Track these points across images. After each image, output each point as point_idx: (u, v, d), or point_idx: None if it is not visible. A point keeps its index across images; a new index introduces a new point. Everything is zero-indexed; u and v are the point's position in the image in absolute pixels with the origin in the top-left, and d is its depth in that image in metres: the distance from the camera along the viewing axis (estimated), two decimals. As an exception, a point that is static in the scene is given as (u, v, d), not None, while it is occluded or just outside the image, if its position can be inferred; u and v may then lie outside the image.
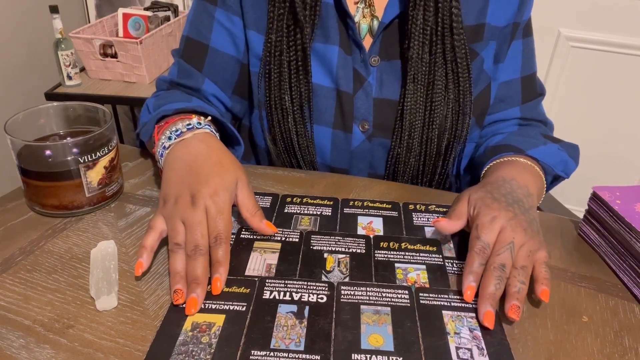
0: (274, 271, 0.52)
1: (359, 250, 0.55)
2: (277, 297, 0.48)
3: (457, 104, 0.70)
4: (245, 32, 0.72)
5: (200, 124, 0.61)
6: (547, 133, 0.75)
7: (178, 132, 0.60)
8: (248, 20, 0.72)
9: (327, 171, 0.76)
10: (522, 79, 0.76)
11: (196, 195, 0.53)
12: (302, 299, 0.48)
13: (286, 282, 0.50)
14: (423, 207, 0.64)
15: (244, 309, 0.47)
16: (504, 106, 0.76)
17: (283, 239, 0.57)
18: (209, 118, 0.64)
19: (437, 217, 0.62)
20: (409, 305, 0.48)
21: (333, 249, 0.56)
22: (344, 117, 0.71)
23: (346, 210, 0.63)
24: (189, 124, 0.61)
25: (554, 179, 0.70)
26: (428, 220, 0.61)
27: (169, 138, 0.60)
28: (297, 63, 0.69)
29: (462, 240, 0.58)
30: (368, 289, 0.50)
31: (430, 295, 0.49)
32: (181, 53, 0.75)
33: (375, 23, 0.70)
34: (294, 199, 0.64)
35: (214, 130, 0.63)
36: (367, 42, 0.71)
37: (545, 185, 0.65)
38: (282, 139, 0.74)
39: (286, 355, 0.43)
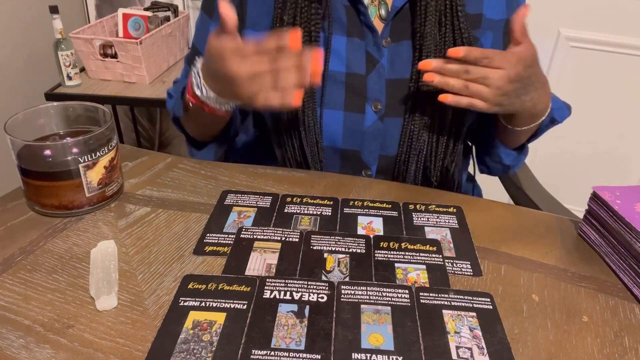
0: (274, 271, 0.52)
1: (359, 250, 0.55)
2: (277, 297, 0.49)
3: None
4: (241, 34, 0.73)
5: None
6: None
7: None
8: (249, 20, 0.73)
9: (337, 155, 0.76)
10: None
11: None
12: (303, 299, 0.48)
13: (286, 281, 0.50)
14: (423, 207, 0.64)
15: (244, 307, 0.47)
16: None
17: (283, 239, 0.57)
18: None
19: (437, 217, 0.62)
20: (409, 304, 0.48)
21: (333, 249, 0.56)
22: (356, 99, 0.73)
23: (346, 210, 0.63)
24: None
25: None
26: (428, 220, 0.61)
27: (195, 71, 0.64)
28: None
29: (462, 240, 0.58)
30: (368, 288, 0.50)
31: (431, 294, 0.49)
32: (188, 58, 0.81)
33: (383, 7, 0.73)
34: (294, 199, 0.64)
35: None
36: (378, 25, 0.73)
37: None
38: (287, 120, 0.74)
39: (287, 355, 0.43)
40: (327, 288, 0.50)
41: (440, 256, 0.55)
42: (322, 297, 0.49)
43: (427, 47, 0.70)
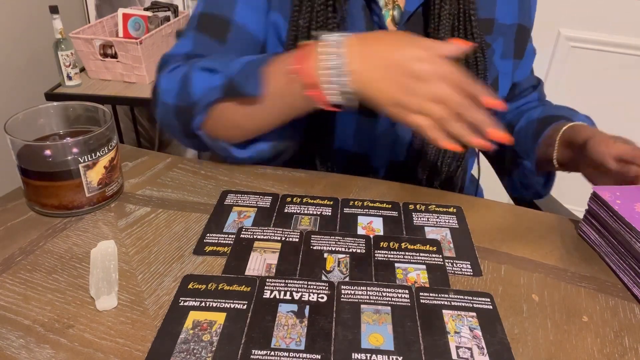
0: (274, 271, 0.52)
1: (359, 250, 0.55)
2: (277, 297, 0.48)
3: None
4: (267, 13, 0.70)
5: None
6: None
7: (337, 41, 0.54)
8: (273, 1, 0.69)
9: (343, 158, 0.76)
10: (531, 70, 0.86)
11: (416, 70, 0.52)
12: (303, 299, 0.48)
13: (286, 281, 0.50)
14: (423, 207, 0.64)
15: (244, 307, 0.47)
16: (526, 93, 0.85)
17: (283, 239, 0.57)
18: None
19: (437, 217, 0.62)
20: (409, 304, 0.48)
21: (333, 248, 0.56)
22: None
23: (346, 210, 0.63)
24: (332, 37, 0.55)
25: None
26: (428, 220, 0.61)
27: (336, 64, 0.54)
28: None
29: (462, 240, 0.58)
30: (368, 288, 0.50)
31: (431, 294, 0.49)
32: (196, 26, 0.68)
33: (397, 12, 0.72)
34: (294, 199, 0.64)
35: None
36: (390, 29, 0.72)
37: None
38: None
39: (287, 355, 0.43)
40: (327, 288, 0.50)
41: (440, 256, 0.55)
42: (322, 297, 0.49)
43: None
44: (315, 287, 0.50)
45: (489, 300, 0.49)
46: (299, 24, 0.68)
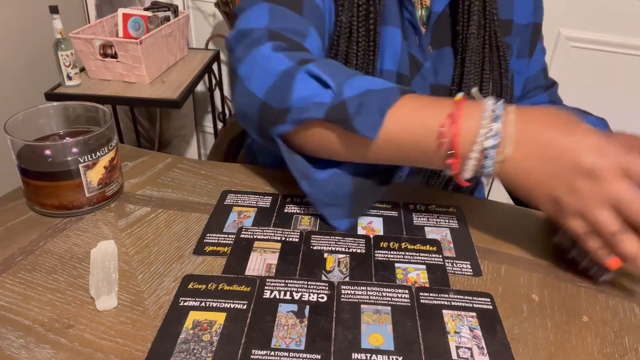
0: (274, 271, 0.52)
1: (359, 250, 0.55)
2: (277, 297, 0.49)
3: (498, 85, 0.74)
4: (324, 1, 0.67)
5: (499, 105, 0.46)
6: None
7: (496, 117, 0.45)
8: None
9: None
10: (542, 69, 0.84)
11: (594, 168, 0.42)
12: (303, 299, 0.48)
13: (286, 281, 0.50)
14: (423, 207, 0.64)
15: (244, 307, 0.47)
16: (533, 93, 0.84)
17: (283, 239, 0.57)
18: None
19: (437, 217, 0.62)
20: (409, 304, 0.48)
21: (333, 248, 0.56)
22: None
23: (346, 210, 0.63)
24: (493, 109, 0.45)
25: None
26: (428, 220, 0.61)
27: (491, 146, 0.45)
28: (367, 45, 0.66)
29: (462, 240, 0.58)
30: (368, 288, 0.50)
31: (431, 294, 0.49)
32: None
33: (424, 11, 0.72)
34: (294, 199, 0.64)
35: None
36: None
37: None
38: None
39: (287, 355, 0.43)
40: (327, 288, 0.50)
41: (440, 256, 0.55)
42: (322, 297, 0.49)
43: (471, 50, 0.69)
44: (315, 287, 0.50)
45: (489, 300, 0.49)
46: (342, 21, 0.66)
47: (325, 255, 0.55)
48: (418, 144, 0.49)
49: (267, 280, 0.50)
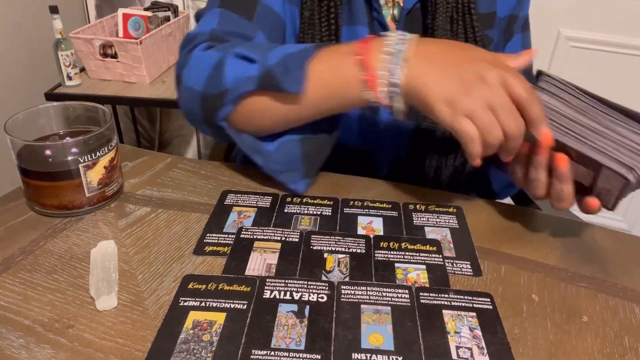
0: (274, 271, 0.52)
1: (359, 250, 0.55)
2: (277, 297, 0.49)
3: None
4: (284, 4, 0.69)
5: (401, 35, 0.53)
6: None
7: (401, 41, 0.51)
8: None
9: (347, 154, 0.75)
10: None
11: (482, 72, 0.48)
12: (303, 298, 0.48)
13: (286, 281, 0.50)
14: (423, 207, 0.64)
15: (244, 307, 0.47)
16: None
17: (283, 239, 0.57)
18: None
19: (437, 217, 0.62)
20: (409, 304, 0.48)
21: (333, 249, 0.56)
22: None
23: (346, 210, 0.63)
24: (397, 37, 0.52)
25: None
26: (428, 220, 0.61)
27: (396, 51, 0.51)
28: (329, 41, 0.69)
29: (462, 240, 0.58)
30: (368, 288, 0.50)
31: (431, 294, 0.49)
32: (220, 3, 0.65)
33: (397, 9, 0.72)
34: (294, 199, 0.64)
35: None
36: (390, 27, 0.72)
37: None
38: None
39: (287, 355, 0.43)
40: (327, 288, 0.50)
41: (440, 256, 0.55)
42: (322, 297, 0.49)
43: None
44: (315, 287, 0.50)
45: (489, 300, 0.49)
46: (305, 16, 0.69)
47: (325, 255, 0.55)
48: (339, 78, 0.54)
49: (267, 280, 0.50)
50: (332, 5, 0.68)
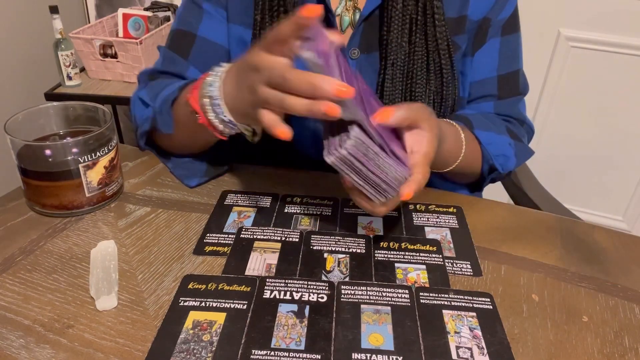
0: (274, 271, 0.52)
1: (359, 250, 0.55)
2: (277, 297, 0.49)
3: (439, 96, 0.70)
4: (227, 25, 0.73)
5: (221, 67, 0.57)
6: (515, 130, 0.74)
7: (217, 73, 0.55)
8: (231, 13, 0.72)
9: (309, 164, 0.73)
10: (498, 77, 0.75)
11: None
12: (303, 299, 0.48)
13: (286, 281, 0.50)
14: (423, 207, 0.64)
15: (244, 307, 0.47)
16: (478, 101, 0.76)
17: (283, 239, 0.57)
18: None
19: (437, 217, 0.62)
20: (409, 304, 0.48)
21: (333, 249, 0.56)
22: None
23: (346, 210, 0.63)
24: (215, 71, 0.56)
25: (490, 170, 0.72)
26: (428, 220, 0.61)
27: (211, 84, 0.54)
28: None
29: (462, 240, 0.58)
30: (368, 288, 0.50)
31: (431, 294, 0.49)
32: (168, 44, 0.75)
33: (357, 14, 0.70)
34: (294, 199, 0.64)
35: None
36: (348, 34, 0.70)
37: (481, 173, 0.71)
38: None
39: (287, 355, 0.43)
40: (327, 288, 0.50)
41: (440, 256, 0.55)
42: (322, 297, 0.49)
43: (394, 57, 0.67)
44: (315, 287, 0.50)
45: (489, 300, 0.49)
46: (257, 20, 0.69)
47: (325, 255, 0.55)
48: (188, 120, 0.60)
49: (267, 280, 0.50)
50: (282, 10, 0.67)
